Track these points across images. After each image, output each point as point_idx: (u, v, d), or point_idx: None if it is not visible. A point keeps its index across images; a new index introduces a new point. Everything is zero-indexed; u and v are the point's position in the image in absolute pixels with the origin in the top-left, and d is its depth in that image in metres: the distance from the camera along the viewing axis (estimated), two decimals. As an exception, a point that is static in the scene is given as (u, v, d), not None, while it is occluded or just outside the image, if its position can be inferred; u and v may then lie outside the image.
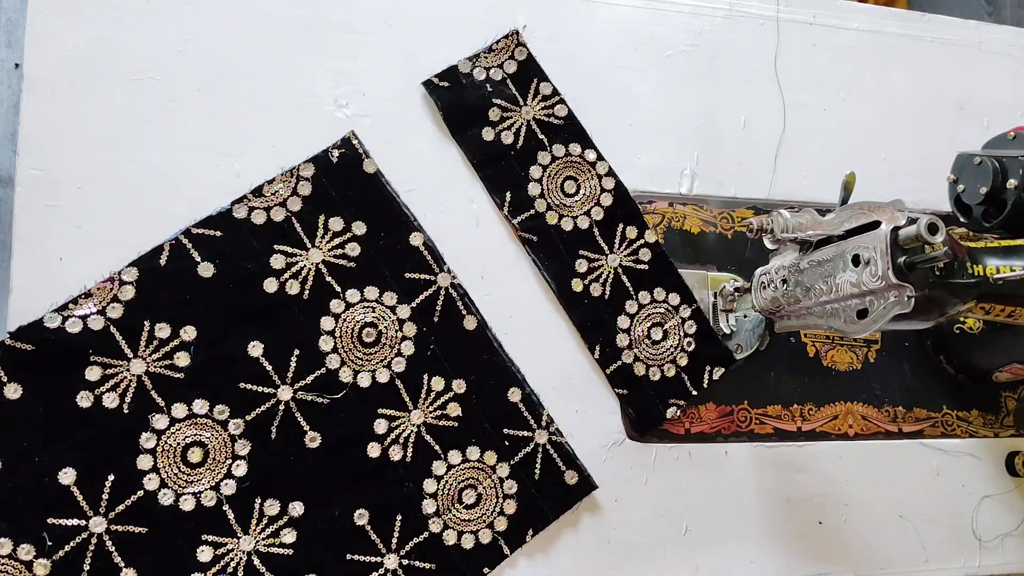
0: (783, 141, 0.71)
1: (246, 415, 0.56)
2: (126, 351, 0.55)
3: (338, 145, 0.61)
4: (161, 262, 0.56)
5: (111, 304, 0.55)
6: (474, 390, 0.60)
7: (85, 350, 0.54)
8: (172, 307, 0.56)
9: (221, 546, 0.54)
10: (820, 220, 0.56)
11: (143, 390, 0.55)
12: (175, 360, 0.55)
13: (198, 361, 0.56)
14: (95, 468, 0.53)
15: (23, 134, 0.56)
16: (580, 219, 0.64)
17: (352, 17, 0.63)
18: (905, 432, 0.70)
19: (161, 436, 0.54)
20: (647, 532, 0.62)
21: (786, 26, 0.73)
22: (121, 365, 0.54)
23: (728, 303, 0.65)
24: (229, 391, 0.56)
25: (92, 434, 0.53)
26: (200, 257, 0.57)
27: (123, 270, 0.55)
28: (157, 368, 0.55)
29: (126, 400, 0.54)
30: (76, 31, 0.58)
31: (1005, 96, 0.78)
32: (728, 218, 0.69)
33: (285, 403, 0.57)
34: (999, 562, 0.69)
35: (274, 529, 0.55)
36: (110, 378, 0.54)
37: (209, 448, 0.55)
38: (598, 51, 0.68)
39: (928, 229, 0.49)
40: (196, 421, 0.55)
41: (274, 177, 0.59)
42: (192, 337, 0.56)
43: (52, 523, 0.52)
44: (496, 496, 0.59)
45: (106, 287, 0.55)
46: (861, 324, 0.53)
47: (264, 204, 0.59)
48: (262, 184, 0.59)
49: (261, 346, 0.57)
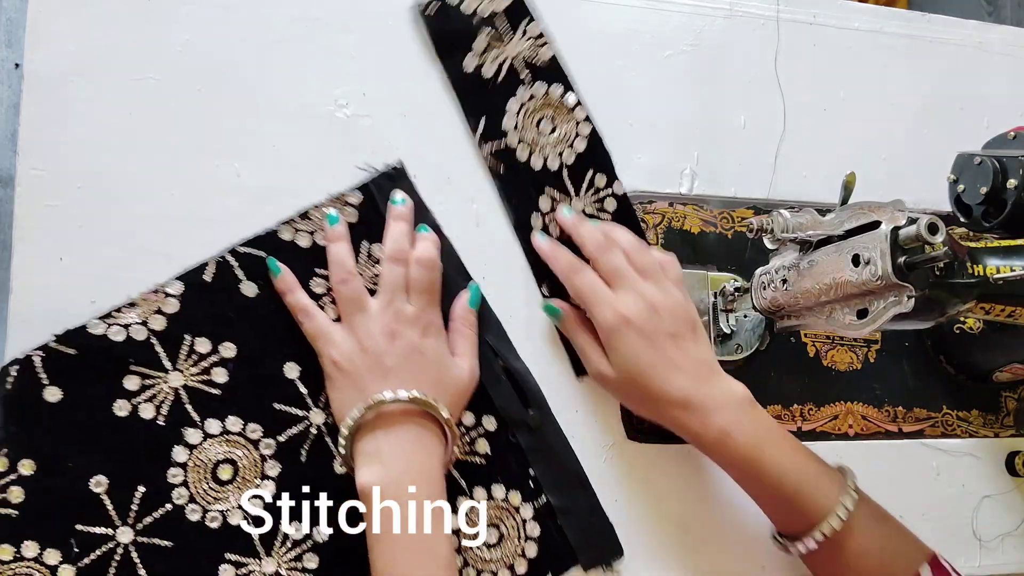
0: (783, 141, 0.71)
1: (278, 436, 0.56)
2: (165, 363, 0.55)
3: (388, 173, 0.61)
4: (206, 278, 0.56)
5: (154, 315, 0.55)
6: (504, 427, 0.60)
7: (126, 359, 0.54)
8: (214, 323, 0.56)
9: (243, 566, 0.54)
10: (820, 220, 0.56)
11: (179, 403, 0.55)
12: (212, 376, 0.55)
13: (235, 378, 0.55)
14: (126, 478, 0.53)
15: (23, 134, 0.56)
16: (551, 159, 0.63)
17: (352, 17, 0.63)
18: (905, 432, 0.70)
19: (193, 451, 0.54)
20: (647, 532, 0.62)
21: (786, 26, 0.73)
22: (160, 377, 0.55)
23: (728, 303, 0.65)
24: (263, 411, 0.56)
25: (126, 443, 0.53)
26: (244, 276, 0.57)
27: (168, 283, 0.56)
28: (194, 382, 0.55)
29: (162, 412, 0.54)
30: (76, 31, 0.58)
31: (1005, 96, 0.78)
32: (728, 218, 0.69)
33: (317, 426, 0.57)
34: (999, 562, 0.69)
35: (297, 553, 0.55)
36: (148, 388, 0.54)
37: (239, 466, 0.55)
38: (598, 51, 0.68)
39: (928, 229, 0.49)
40: (228, 438, 0.55)
41: (323, 202, 0.59)
42: (231, 354, 0.56)
43: (80, 530, 0.52)
44: (518, 538, 0.58)
45: (151, 298, 0.55)
46: (861, 324, 0.53)
47: (310, 228, 0.59)
48: (309, 208, 0.59)
49: (298, 369, 0.57)
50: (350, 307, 0.56)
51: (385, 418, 0.53)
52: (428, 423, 0.54)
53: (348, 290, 0.56)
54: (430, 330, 0.57)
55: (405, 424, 0.53)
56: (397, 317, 0.55)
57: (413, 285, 0.57)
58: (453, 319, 0.59)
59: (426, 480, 0.52)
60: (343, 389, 0.55)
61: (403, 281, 0.57)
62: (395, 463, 0.52)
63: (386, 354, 0.54)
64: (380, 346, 0.54)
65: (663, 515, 0.63)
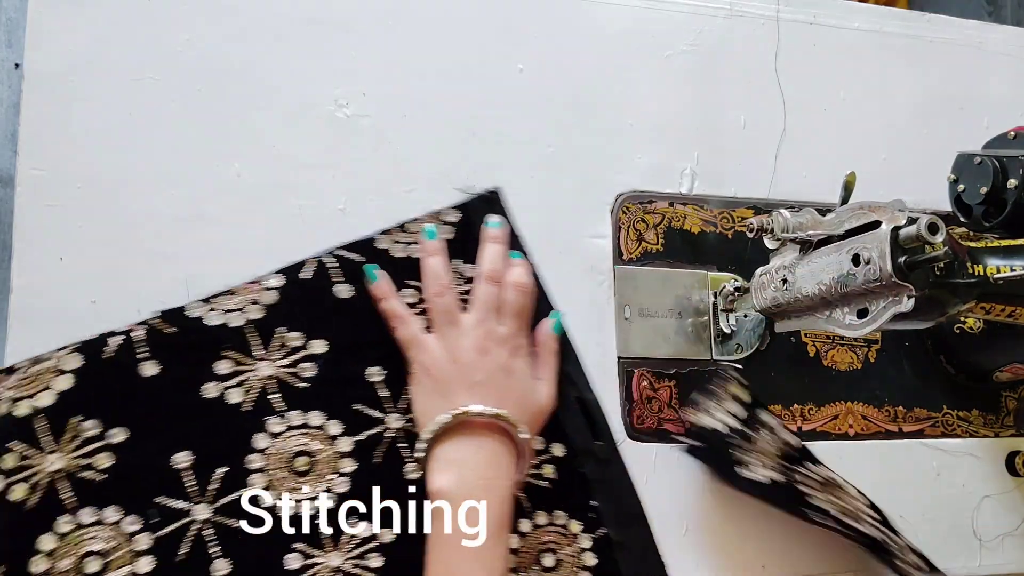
0: (783, 141, 0.71)
1: (356, 435, 0.57)
2: (257, 352, 0.56)
3: (485, 197, 0.62)
4: (304, 275, 0.58)
5: (251, 305, 0.56)
6: (572, 455, 0.60)
7: (220, 343, 0.55)
8: (307, 319, 0.57)
9: (310, 556, 0.54)
10: (820, 220, 0.56)
11: (266, 392, 0.56)
12: (300, 370, 0.56)
13: (322, 375, 0.57)
14: (208, 457, 0.54)
15: (23, 134, 0.56)
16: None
17: (352, 17, 0.63)
18: (905, 432, 0.70)
19: (274, 439, 0.55)
20: (647, 532, 0.62)
21: (786, 26, 0.73)
22: (251, 364, 0.56)
23: (728, 303, 0.65)
24: (344, 409, 0.57)
25: (211, 424, 0.55)
26: (340, 277, 0.58)
27: (267, 276, 0.57)
28: (283, 374, 0.56)
29: (249, 398, 0.55)
30: (76, 31, 0.58)
31: (1005, 96, 0.78)
32: (728, 218, 0.69)
33: (394, 431, 0.57)
34: (999, 562, 0.69)
35: (363, 551, 0.55)
36: (239, 374, 0.55)
37: (316, 460, 0.56)
38: (598, 51, 0.68)
39: (928, 229, 0.49)
40: (309, 431, 0.56)
41: (421, 216, 0.60)
42: (321, 351, 0.57)
43: (160, 502, 0.53)
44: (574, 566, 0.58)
45: (249, 288, 0.57)
46: (861, 324, 0.53)
47: (405, 240, 0.60)
48: (408, 220, 0.60)
49: (382, 373, 0.58)
50: (443, 319, 0.57)
51: (467, 429, 0.54)
52: (506, 441, 0.55)
53: (443, 303, 0.57)
54: (519, 352, 0.57)
55: (486, 438, 0.54)
56: (489, 335, 0.56)
57: (506, 307, 0.58)
58: (537, 344, 0.60)
59: (496, 496, 0.53)
60: (430, 395, 0.56)
61: (496, 301, 0.58)
62: (470, 474, 0.53)
63: (476, 368, 0.55)
64: (471, 360, 0.55)
65: (663, 515, 0.63)
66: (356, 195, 0.61)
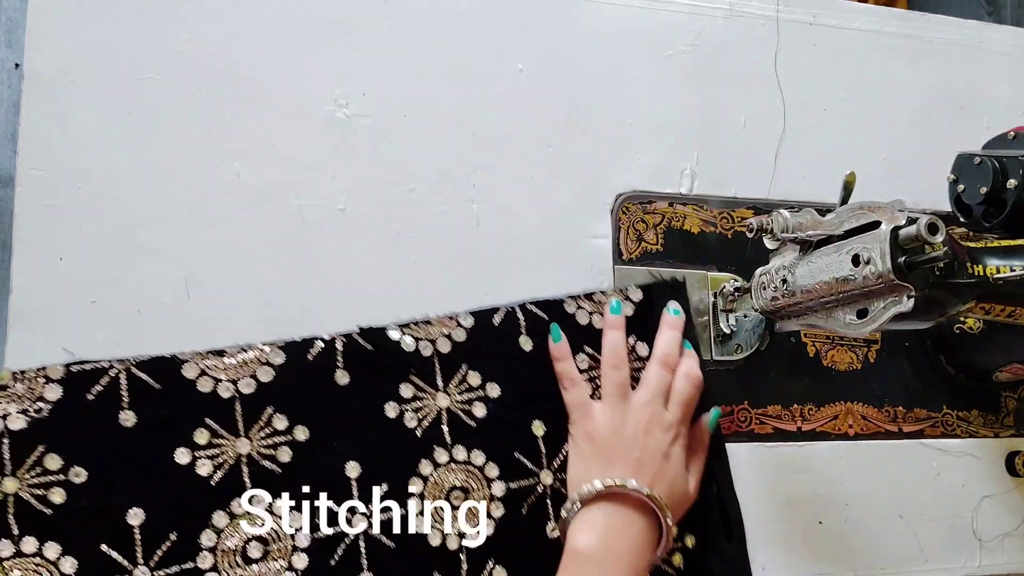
0: (783, 141, 0.71)
1: (510, 482, 0.58)
2: (439, 383, 0.58)
3: (671, 283, 0.64)
4: (495, 321, 0.60)
5: (444, 338, 0.59)
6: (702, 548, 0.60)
7: (409, 368, 0.58)
8: (489, 363, 0.59)
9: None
10: (820, 220, 0.56)
11: (439, 423, 0.58)
12: (473, 408, 0.58)
13: (491, 417, 0.59)
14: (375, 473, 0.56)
15: (23, 134, 0.56)
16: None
17: (352, 17, 0.63)
18: (905, 432, 0.70)
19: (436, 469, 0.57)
20: (647, 532, 0.62)
21: (786, 26, 0.73)
22: (430, 394, 0.58)
23: (728, 303, 0.65)
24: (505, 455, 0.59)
25: (384, 440, 0.57)
26: (525, 331, 0.60)
27: (462, 314, 0.60)
28: (457, 408, 0.58)
29: (422, 425, 0.57)
30: (76, 31, 0.58)
31: (1005, 96, 0.78)
32: (728, 218, 0.69)
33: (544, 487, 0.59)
34: (999, 562, 0.69)
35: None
36: (418, 400, 0.58)
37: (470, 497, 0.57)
38: (598, 51, 0.68)
39: (928, 229, 0.49)
40: (469, 468, 0.58)
41: (608, 290, 0.62)
42: (495, 395, 0.59)
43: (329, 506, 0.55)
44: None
45: (445, 322, 0.59)
46: (861, 324, 0.53)
47: (590, 308, 0.62)
48: (595, 291, 0.62)
49: (544, 428, 0.60)
50: (615, 391, 0.59)
51: (618, 500, 0.55)
52: (651, 522, 0.55)
53: (618, 376, 0.59)
54: (678, 441, 0.58)
55: (635, 513, 0.55)
56: (654, 417, 0.58)
57: (675, 394, 0.59)
58: (693, 435, 0.61)
59: (632, 570, 0.54)
60: (587, 460, 0.57)
61: (666, 386, 0.59)
62: (613, 543, 0.54)
63: (637, 446, 0.56)
64: (634, 437, 0.57)
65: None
66: (356, 195, 0.61)
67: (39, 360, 0.52)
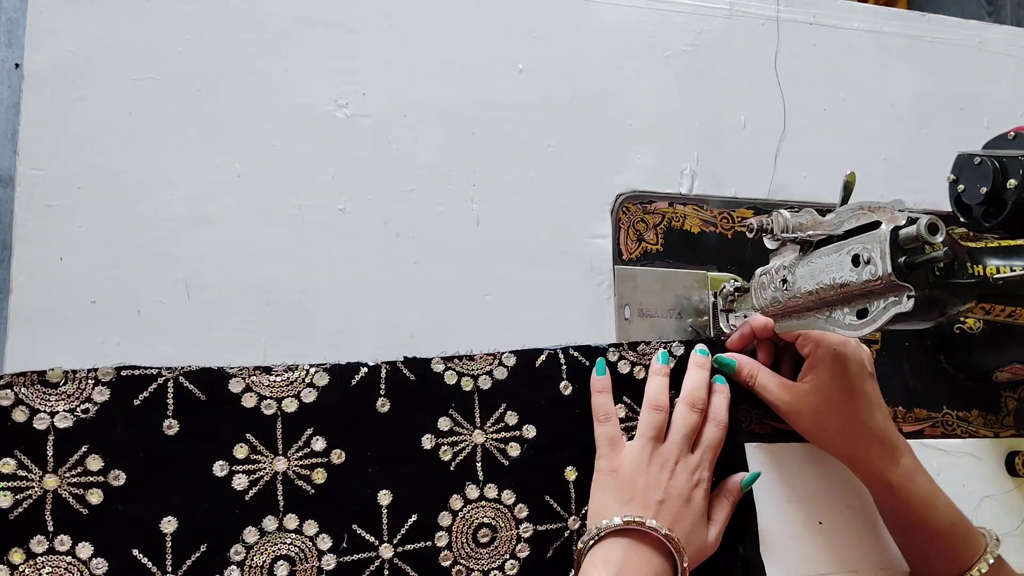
0: (783, 141, 0.71)
1: (538, 525, 0.59)
2: (477, 419, 0.59)
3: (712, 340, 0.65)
4: (536, 363, 0.61)
5: (485, 375, 0.60)
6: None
7: (449, 402, 0.59)
8: (527, 404, 0.60)
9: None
10: (820, 220, 0.56)
11: (473, 458, 0.59)
12: (508, 448, 0.59)
13: (525, 457, 0.60)
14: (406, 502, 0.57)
15: (23, 134, 0.56)
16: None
17: (352, 17, 0.63)
18: (905, 432, 0.70)
19: (465, 506, 0.58)
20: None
21: (786, 26, 0.73)
22: (468, 430, 0.59)
23: (728, 303, 0.65)
24: (535, 497, 0.59)
25: (418, 473, 0.57)
26: (565, 375, 0.61)
27: (506, 354, 0.61)
28: (491, 446, 0.59)
29: (456, 460, 0.59)
30: (76, 31, 0.58)
31: (1005, 96, 0.78)
32: (728, 218, 0.69)
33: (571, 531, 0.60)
34: (999, 562, 0.69)
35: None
36: (455, 435, 0.59)
37: (497, 537, 0.58)
38: (598, 51, 0.68)
39: (928, 229, 0.49)
40: (498, 507, 0.58)
41: (653, 343, 0.64)
42: (530, 436, 0.60)
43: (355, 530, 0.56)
44: None
45: (487, 359, 0.60)
46: (861, 324, 0.53)
47: (632, 359, 0.63)
48: (640, 342, 0.63)
49: (576, 474, 0.60)
50: (650, 432, 0.59)
51: (636, 538, 0.55)
52: (668, 564, 0.55)
53: (657, 418, 0.60)
54: (700, 485, 0.59)
55: (652, 553, 0.55)
56: (679, 460, 0.59)
57: (701, 439, 0.61)
58: (722, 487, 0.62)
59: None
60: (609, 495, 0.58)
61: (693, 427, 0.60)
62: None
63: (660, 486, 0.57)
64: (659, 478, 0.58)
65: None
66: (356, 195, 0.61)
67: (39, 360, 0.53)
